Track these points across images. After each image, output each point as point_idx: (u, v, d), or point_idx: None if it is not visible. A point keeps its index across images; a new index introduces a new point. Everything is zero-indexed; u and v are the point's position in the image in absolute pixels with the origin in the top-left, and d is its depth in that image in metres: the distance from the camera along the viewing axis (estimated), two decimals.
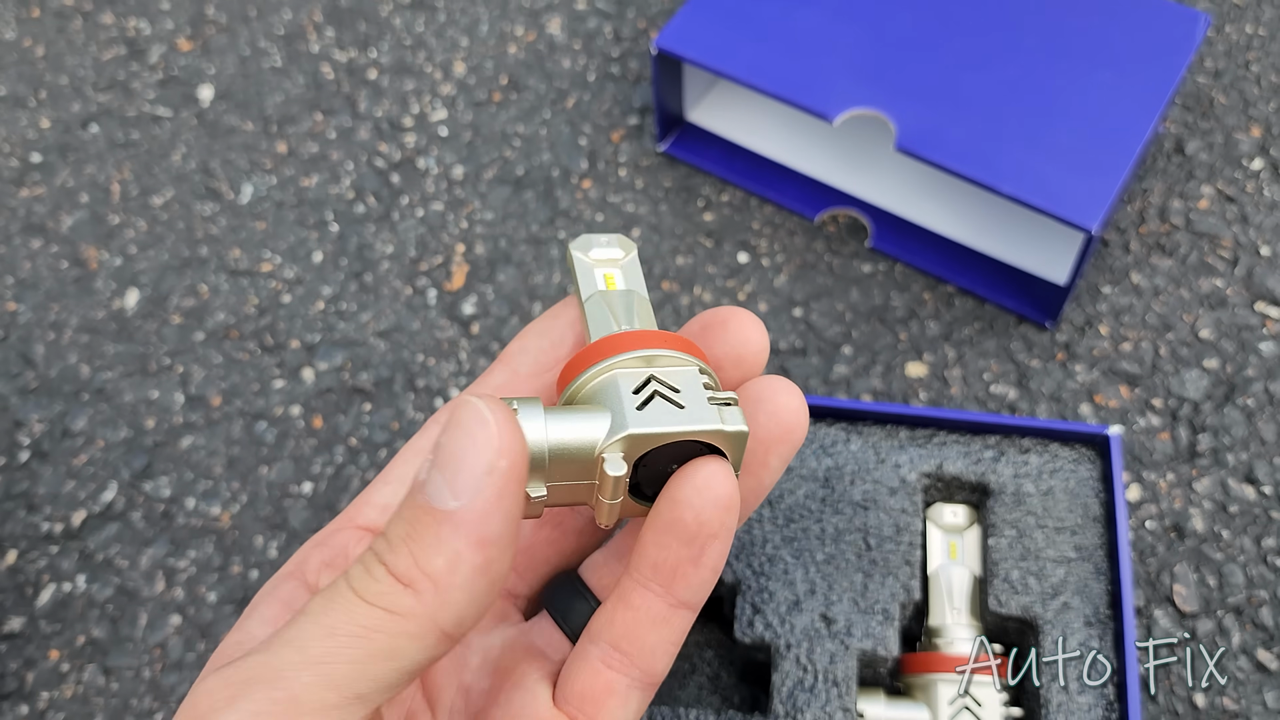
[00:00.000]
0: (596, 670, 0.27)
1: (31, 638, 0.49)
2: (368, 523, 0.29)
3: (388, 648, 0.22)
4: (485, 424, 0.22)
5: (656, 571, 0.27)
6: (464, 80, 0.65)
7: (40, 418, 0.54)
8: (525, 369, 0.29)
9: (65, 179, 0.62)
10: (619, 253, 0.29)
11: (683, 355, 0.26)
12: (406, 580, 0.22)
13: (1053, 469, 0.44)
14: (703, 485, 0.25)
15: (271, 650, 0.22)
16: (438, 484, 0.22)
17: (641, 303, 0.28)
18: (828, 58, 0.54)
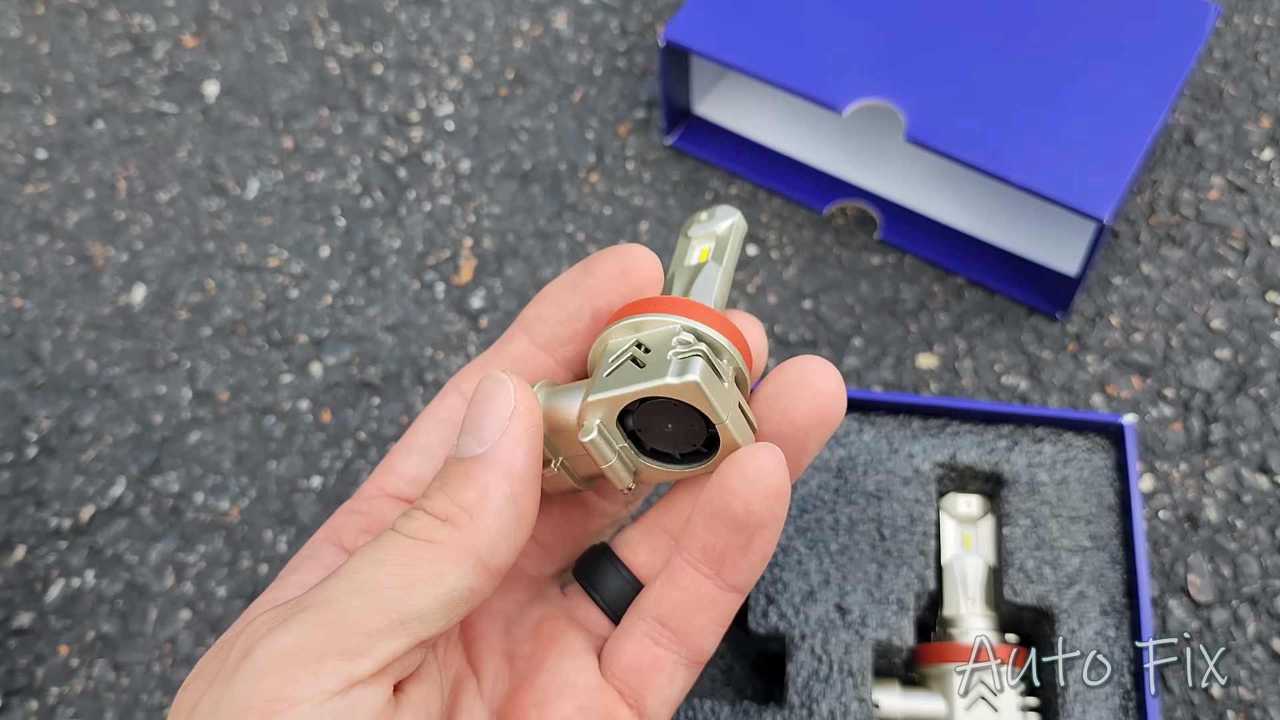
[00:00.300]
0: (644, 645, 0.28)
1: (41, 633, 0.49)
2: (398, 492, 0.29)
3: (430, 572, 0.24)
4: (503, 384, 0.26)
5: (706, 555, 0.27)
6: (470, 75, 0.65)
7: (48, 414, 0.54)
8: (542, 340, 0.29)
9: (71, 175, 0.62)
10: (721, 225, 0.30)
11: (669, 317, 0.26)
12: (444, 516, 0.25)
13: (1067, 458, 0.44)
14: (753, 475, 0.26)
15: (324, 584, 0.24)
16: (466, 442, 0.25)
17: (709, 272, 0.29)
18: (836, 48, 0.53)
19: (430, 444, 0.30)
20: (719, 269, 0.29)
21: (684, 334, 0.26)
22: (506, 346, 0.30)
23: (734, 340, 0.26)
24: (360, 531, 0.28)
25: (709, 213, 0.31)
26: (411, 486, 0.29)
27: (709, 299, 0.28)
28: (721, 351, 0.26)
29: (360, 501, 0.29)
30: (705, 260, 0.29)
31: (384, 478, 0.30)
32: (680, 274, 0.29)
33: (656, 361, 0.25)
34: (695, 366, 0.25)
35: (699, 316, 0.26)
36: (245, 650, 0.22)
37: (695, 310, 0.26)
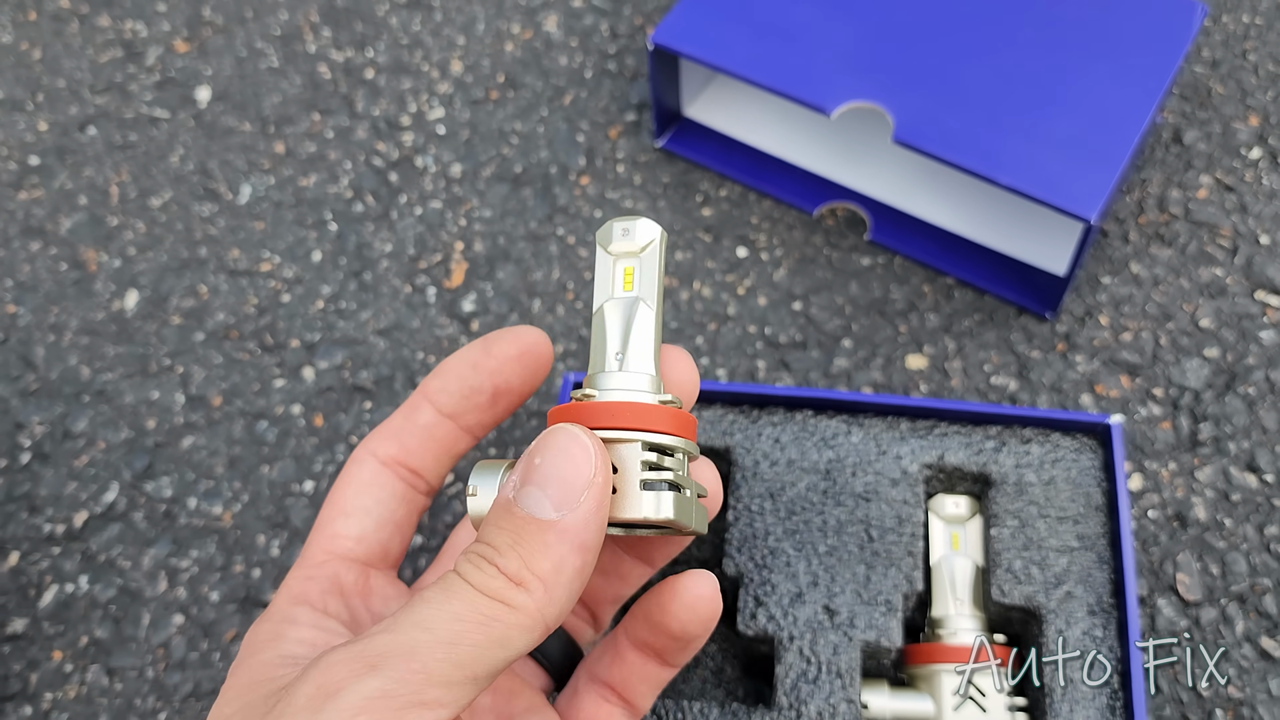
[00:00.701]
0: (598, 704, 0.33)
1: (34, 639, 0.49)
2: (346, 552, 0.32)
3: (502, 636, 0.25)
4: (583, 445, 0.26)
5: (647, 647, 0.33)
6: (461, 79, 0.65)
7: (41, 420, 0.54)
8: (447, 409, 0.32)
9: (63, 181, 0.62)
10: (640, 241, 0.29)
11: (629, 434, 0.27)
12: (517, 580, 0.25)
13: (1054, 458, 0.44)
14: (691, 603, 0.31)
15: (399, 631, 0.24)
16: (536, 498, 0.26)
17: (643, 318, 0.29)
18: (824, 51, 0.53)
19: (364, 504, 0.32)
20: (651, 313, 0.29)
21: (646, 453, 0.27)
22: (415, 415, 0.32)
23: (684, 428, 0.28)
24: (324, 594, 0.30)
25: (626, 225, 0.30)
26: (360, 545, 0.32)
27: (649, 355, 0.29)
28: (677, 450, 0.28)
29: (311, 567, 0.31)
30: (631, 290, 0.29)
31: (328, 541, 0.32)
32: (610, 314, 0.29)
33: (629, 488, 0.27)
34: (668, 503, 0.27)
35: (654, 424, 0.28)
36: (328, 690, 0.23)
37: (648, 416, 0.28)
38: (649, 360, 0.29)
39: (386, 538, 0.33)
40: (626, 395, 0.28)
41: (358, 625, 0.31)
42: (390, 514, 0.33)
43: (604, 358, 0.29)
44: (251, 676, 0.27)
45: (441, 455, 0.33)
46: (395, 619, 0.25)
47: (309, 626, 0.29)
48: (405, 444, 0.33)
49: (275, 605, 0.31)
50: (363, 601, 0.32)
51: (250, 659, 0.28)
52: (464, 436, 0.33)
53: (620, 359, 0.29)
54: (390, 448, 0.33)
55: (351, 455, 0.33)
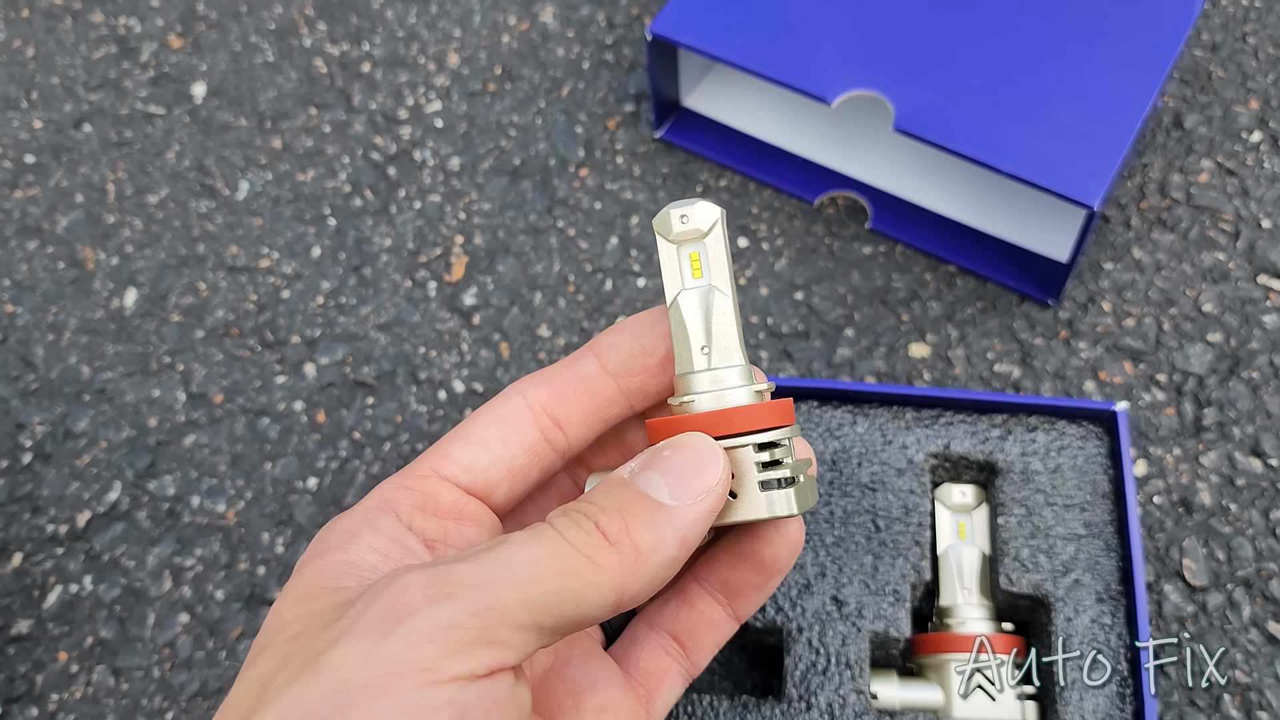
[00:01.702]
0: (657, 654, 0.32)
1: (40, 640, 0.49)
2: (451, 476, 0.29)
3: (578, 592, 0.24)
4: (717, 456, 0.27)
5: (724, 586, 0.32)
6: (458, 71, 0.65)
7: (42, 420, 0.54)
8: (612, 366, 0.30)
9: (60, 179, 0.62)
10: (702, 225, 0.28)
11: (738, 439, 0.27)
12: (614, 540, 0.25)
13: (1060, 446, 0.44)
14: (783, 527, 0.31)
15: (479, 563, 0.24)
16: (655, 482, 0.26)
17: (720, 306, 0.28)
18: (824, 39, 0.53)
19: (489, 438, 0.30)
20: (728, 299, 0.28)
21: (759, 454, 0.27)
22: (577, 365, 0.30)
23: (786, 415, 0.28)
24: (414, 508, 0.29)
25: (684, 210, 0.29)
26: (466, 474, 0.29)
27: (735, 345, 0.28)
28: (784, 440, 0.28)
29: (412, 478, 0.29)
30: (700, 277, 0.29)
31: (439, 461, 0.30)
32: (687, 306, 0.29)
33: (748, 491, 0.27)
34: (789, 500, 0.27)
35: (761, 423, 0.28)
36: (399, 612, 0.23)
37: (754, 417, 0.27)
38: (736, 350, 0.28)
39: (496, 479, 0.30)
40: (725, 394, 0.28)
41: (443, 546, 0.29)
42: (510, 458, 0.30)
43: (690, 355, 0.28)
44: (316, 580, 0.26)
45: (592, 412, 0.31)
46: (476, 551, 0.25)
47: (387, 537, 0.28)
48: (558, 390, 0.30)
49: (361, 506, 0.29)
50: (456, 524, 0.29)
51: (318, 559, 0.27)
52: (621, 400, 0.31)
53: (707, 353, 0.28)
54: (541, 392, 0.30)
55: (502, 390, 0.31)
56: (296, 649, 0.24)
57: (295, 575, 0.27)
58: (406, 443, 0.52)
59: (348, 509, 0.29)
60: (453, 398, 0.53)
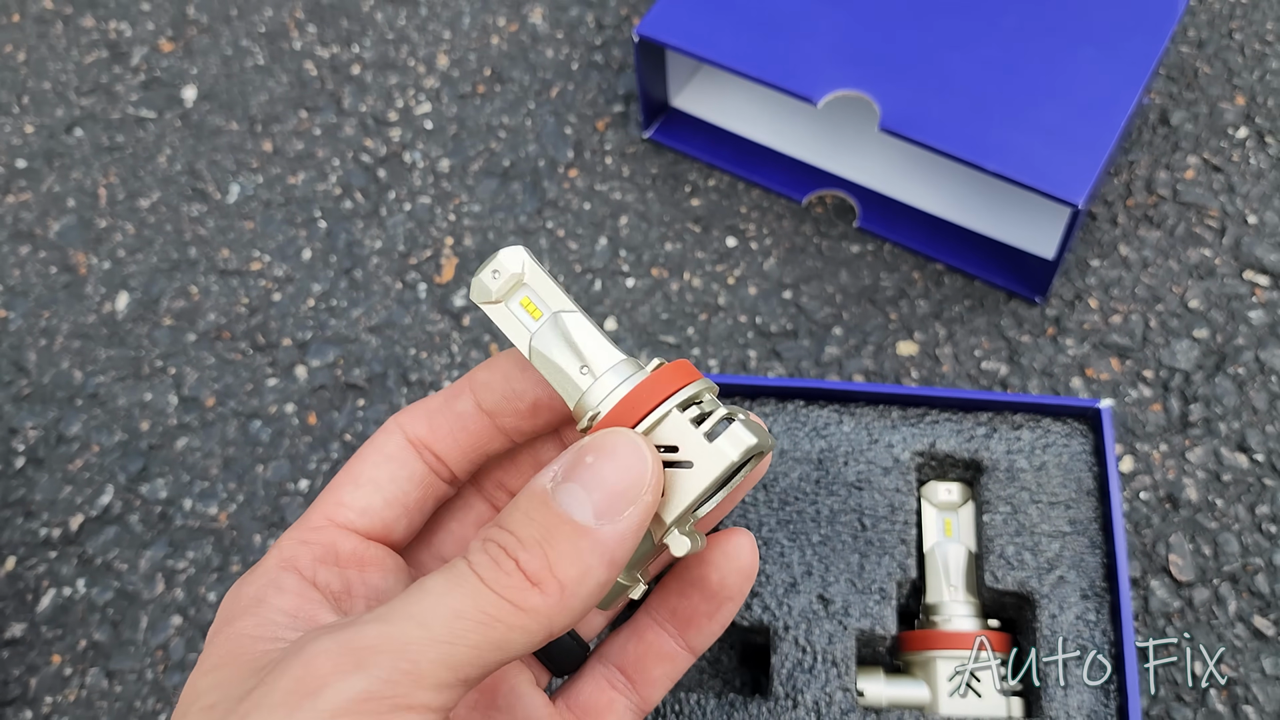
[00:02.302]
0: (600, 686, 0.31)
1: (33, 643, 0.49)
2: (347, 523, 0.29)
3: (503, 638, 0.23)
4: (642, 458, 0.25)
5: (674, 616, 0.31)
6: (447, 73, 0.65)
7: (34, 424, 0.54)
8: (487, 405, 0.30)
9: (52, 184, 0.62)
10: (514, 268, 0.28)
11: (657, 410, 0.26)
12: (536, 580, 0.24)
13: (1045, 444, 0.44)
14: (733, 553, 0.30)
15: (393, 623, 0.23)
16: (579, 499, 0.24)
17: (576, 325, 0.28)
18: (810, 40, 0.53)
19: (378, 478, 0.29)
20: (576, 315, 0.28)
21: (686, 411, 0.26)
22: (454, 401, 0.30)
23: (691, 373, 0.27)
24: (315, 561, 0.28)
25: (489, 266, 0.28)
26: (362, 518, 0.29)
27: (606, 347, 0.27)
28: (705, 392, 0.27)
29: (308, 531, 0.29)
30: (540, 315, 0.28)
31: (332, 509, 0.29)
32: (545, 346, 0.28)
33: (698, 448, 0.26)
34: (742, 434, 0.26)
35: (670, 387, 0.26)
36: (309, 686, 0.22)
37: (660, 385, 0.26)
38: (610, 351, 0.27)
39: (393, 518, 0.30)
40: (622, 386, 0.27)
41: (349, 598, 0.29)
42: (403, 494, 0.30)
43: (574, 380, 0.27)
44: (230, 648, 0.25)
45: (471, 449, 0.30)
46: (390, 607, 0.23)
47: (293, 596, 0.27)
48: (436, 428, 0.30)
49: (262, 566, 0.28)
50: (359, 573, 0.29)
51: (227, 628, 0.26)
52: (499, 437, 0.30)
53: (586, 371, 0.27)
54: (419, 428, 0.30)
55: (382, 425, 0.30)
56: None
57: (207, 645, 0.26)
58: None
59: (251, 568, 0.28)
60: None
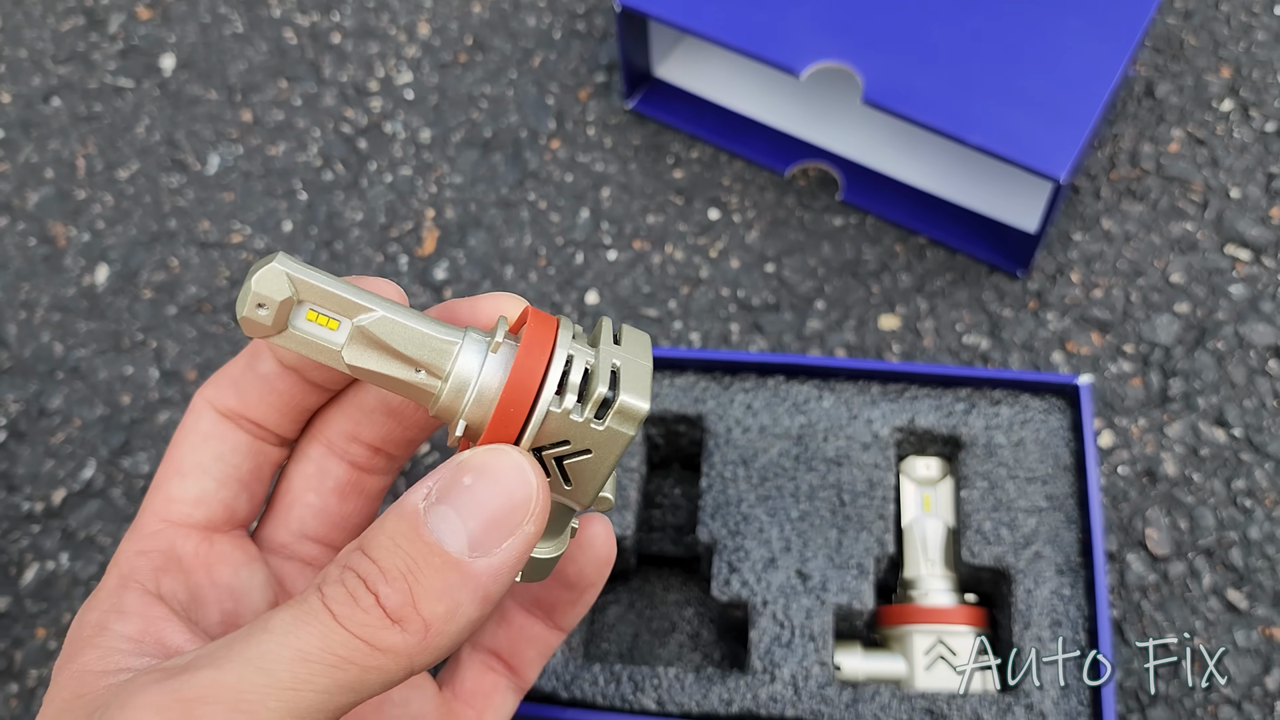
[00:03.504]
0: (481, 673, 0.32)
1: (18, 617, 0.49)
2: (182, 518, 0.27)
3: (356, 681, 0.21)
4: (526, 482, 0.23)
5: (538, 604, 0.32)
6: (428, 42, 0.64)
7: (16, 398, 0.54)
8: (289, 360, 0.27)
9: (29, 155, 0.62)
10: (284, 293, 0.23)
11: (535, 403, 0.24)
12: (397, 617, 0.22)
13: (1023, 420, 0.44)
14: (588, 544, 0.30)
15: (228, 668, 0.20)
16: (454, 527, 0.22)
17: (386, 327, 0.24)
18: (792, 10, 0.53)
19: (203, 460, 0.27)
20: (377, 313, 0.24)
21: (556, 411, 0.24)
22: (256, 364, 0.27)
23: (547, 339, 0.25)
24: (156, 572, 0.26)
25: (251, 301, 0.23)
26: (198, 509, 0.27)
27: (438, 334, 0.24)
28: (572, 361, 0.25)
29: (143, 538, 0.27)
30: (337, 327, 0.24)
31: (162, 506, 0.27)
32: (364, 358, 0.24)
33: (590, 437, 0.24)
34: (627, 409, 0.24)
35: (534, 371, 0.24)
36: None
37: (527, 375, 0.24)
38: (441, 342, 0.24)
39: (231, 497, 0.27)
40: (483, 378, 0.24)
41: (199, 605, 0.27)
42: (234, 470, 0.27)
43: (417, 389, 0.24)
44: (72, 690, 0.23)
45: (288, 409, 0.28)
46: (228, 646, 0.21)
47: (137, 619, 0.25)
48: (244, 395, 0.27)
49: (103, 588, 0.26)
50: (206, 575, 0.27)
51: (70, 665, 0.24)
52: (313, 390, 0.27)
53: (424, 372, 0.24)
54: (228, 398, 0.27)
55: (189, 405, 0.28)
56: None
57: (53, 683, 0.24)
58: None
59: (94, 590, 0.26)
60: None
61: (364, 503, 0.30)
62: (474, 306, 0.26)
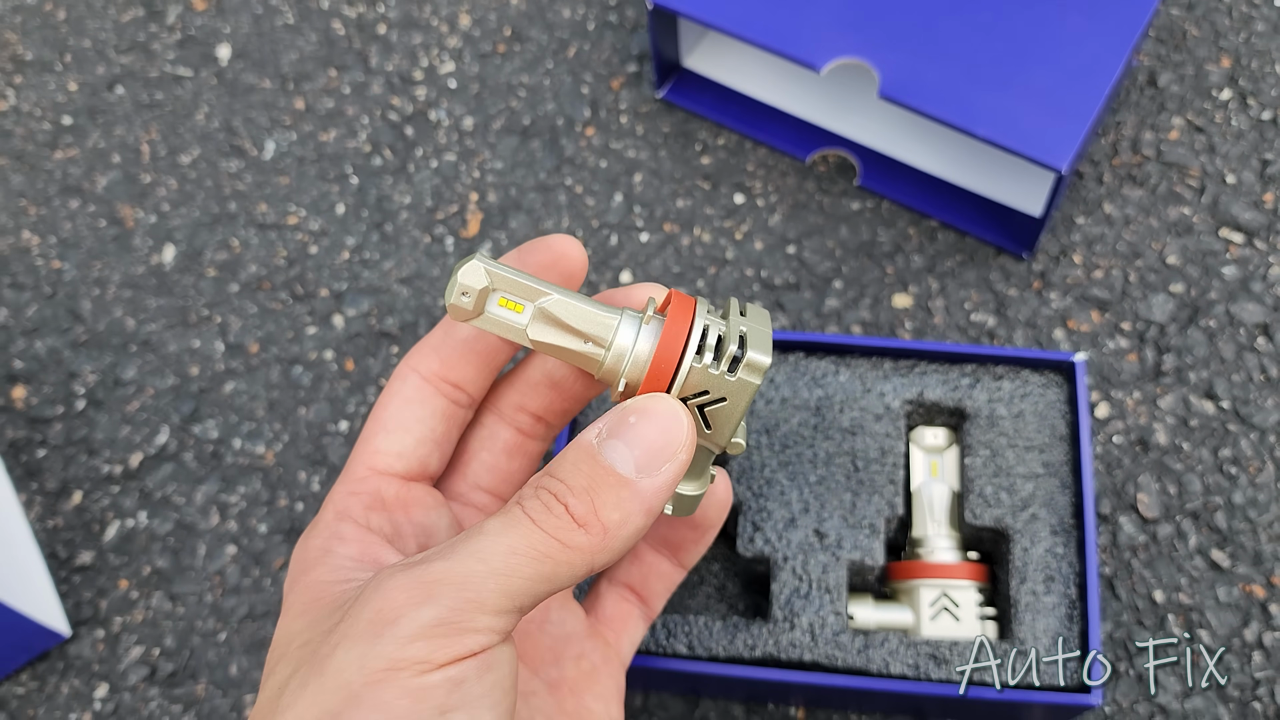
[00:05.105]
0: (618, 602, 0.38)
1: (102, 569, 0.54)
2: (387, 468, 0.33)
3: (551, 572, 0.27)
4: (679, 421, 0.28)
5: (665, 543, 0.38)
6: (469, 33, 0.68)
7: (93, 369, 0.59)
8: None
9: (97, 140, 0.66)
10: (482, 283, 0.29)
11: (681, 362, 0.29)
12: (582, 522, 0.27)
13: (1023, 393, 0.48)
14: (710, 490, 0.36)
15: (456, 559, 0.26)
16: (622, 454, 0.28)
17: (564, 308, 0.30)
18: (814, 9, 0.56)
19: (405, 419, 0.33)
20: (553, 295, 0.29)
21: (698, 365, 0.29)
22: (453, 328, 0.33)
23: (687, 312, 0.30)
24: (366, 510, 0.32)
25: (457, 291, 0.29)
26: (399, 460, 0.33)
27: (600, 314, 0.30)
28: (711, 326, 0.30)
29: (354, 482, 0.32)
30: (523, 310, 0.30)
31: (370, 457, 0.33)
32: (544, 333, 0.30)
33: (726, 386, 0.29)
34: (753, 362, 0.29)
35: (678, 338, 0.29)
36: (387, 616, 0.25)
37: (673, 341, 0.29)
38: (605, 317, 0.30)
39: (426, 454, 0.33)
40: (643, 345, 0.30)
41: (400, 538, 0.32)
42: (430, 431, 0.33)
43: (585, 358, 0.30)
44: (311, 594, 0.29)
45: (482, 367, 0.34)
46: (453, 545, 0.27)
47: (355, 541, 0.31)
48: (445, 358, 0.33)
49: (321, 520, 0.32)
50: (405, 514, 0.33)
51: (304, 576, 0.30)
52: (504, 348, 0.33)
53: (591, 343, 0.30)
54: (431, 363, 0.33)
55: (395, 371, 0.34)
56: (305, 655, 0.27)
57: (287, 595, 0.30)
58: None
59: (311, 523, 0.32)
60: None
61: (526, 462, 0.36)
62: (627, 293, 0.33)
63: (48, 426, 0.58)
